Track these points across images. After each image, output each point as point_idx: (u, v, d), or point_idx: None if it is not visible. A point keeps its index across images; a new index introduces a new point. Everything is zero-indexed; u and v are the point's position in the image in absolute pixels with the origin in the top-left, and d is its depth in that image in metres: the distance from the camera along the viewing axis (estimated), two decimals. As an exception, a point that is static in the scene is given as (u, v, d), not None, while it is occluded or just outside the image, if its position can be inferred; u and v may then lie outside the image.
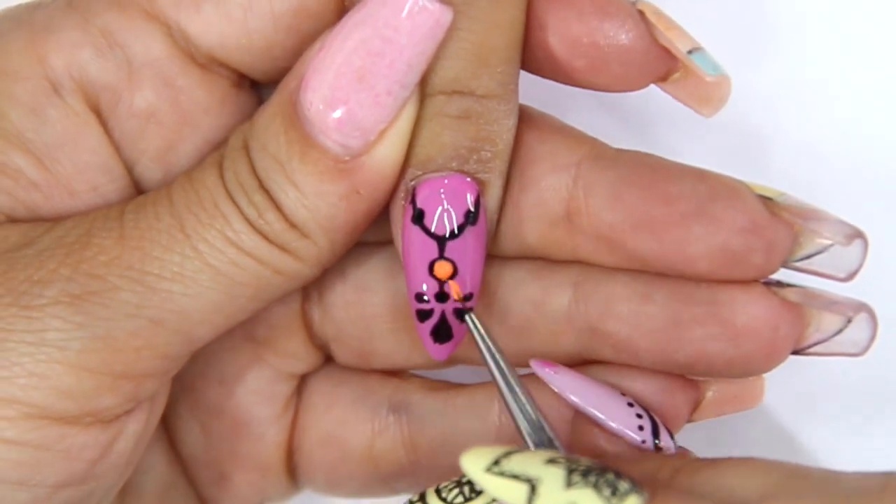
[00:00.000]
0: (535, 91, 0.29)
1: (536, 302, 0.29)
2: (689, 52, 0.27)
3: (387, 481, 0.31)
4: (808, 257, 0.27)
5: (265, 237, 0.26)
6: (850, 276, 0.27)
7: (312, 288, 0.31)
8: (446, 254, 0.27)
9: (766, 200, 0.27)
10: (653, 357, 0.28)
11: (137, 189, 0.28)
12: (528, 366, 0.30)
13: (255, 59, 0.27)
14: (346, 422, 0.31)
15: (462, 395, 0.31)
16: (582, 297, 0.28)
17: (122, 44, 0.27)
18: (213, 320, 0.27)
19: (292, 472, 0.32)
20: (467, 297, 0.27)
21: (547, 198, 0.28)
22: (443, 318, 0.28)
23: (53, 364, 0.25)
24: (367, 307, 0.30)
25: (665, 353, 0.28)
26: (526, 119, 0.28)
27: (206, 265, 0.26)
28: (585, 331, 0.28)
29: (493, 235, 0.28)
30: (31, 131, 0.27)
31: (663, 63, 0.27)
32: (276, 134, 0.26)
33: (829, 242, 0.27)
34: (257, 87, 0.29)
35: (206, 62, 0.28)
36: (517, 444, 0.29)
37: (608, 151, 0.28)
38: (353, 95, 0.25)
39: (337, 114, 0.25)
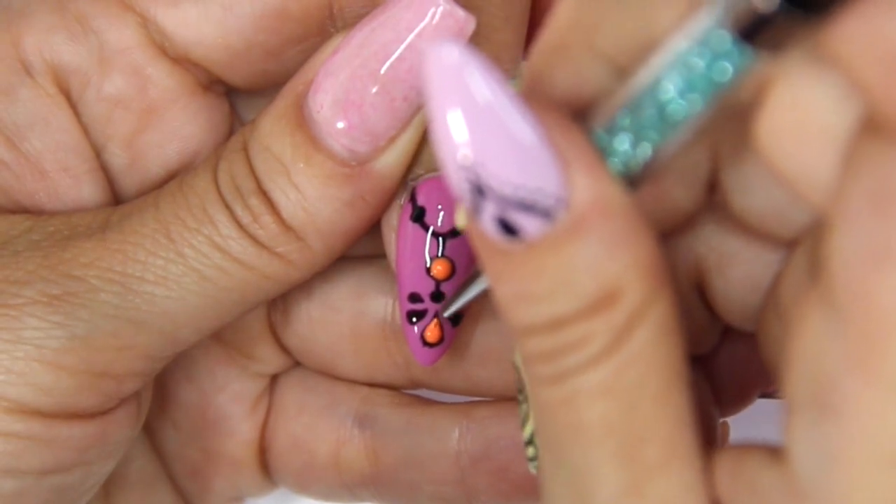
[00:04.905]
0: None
1: (499, 331, 0.29)
2: None
3: (350, 489, 0.31)
4: None
5: (256, 241, 0.26)
6: None
7: (279, 299, 0.31)
8: (446, 252, 0.26)
9: None
10: None
11: (105, 173, 0.28)
12: (482, 395, 0.30)
13: (232, 60, 0.27)
14: (314, 429, 0.31)
15: (426, 416, 0.31)
16: None
17: (96, 30, 0.27)
18: (198, 323, 0.26)
19: (266, 469, 0.32)
20: None
21: None
22: (436, 318, 0.27)
23: (31, 362, 0.25)
24: (331, 326, 0.30)
25: None
26: None
27: (190, 269, 0.26)
28: None
29: None
30: (1, 111, 0.27)
31: None
32: (280, 136, 0.26)
33: None
34: (230, 95, 0.29)
35: (178, 57, 0.27)
36: (477, 478, 0.29)
37: None
38: (368, 99, 0.25)
39: (348, 117, 0.25)
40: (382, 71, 0.25)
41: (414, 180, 0.27)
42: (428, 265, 0.27)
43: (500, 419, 0.29)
